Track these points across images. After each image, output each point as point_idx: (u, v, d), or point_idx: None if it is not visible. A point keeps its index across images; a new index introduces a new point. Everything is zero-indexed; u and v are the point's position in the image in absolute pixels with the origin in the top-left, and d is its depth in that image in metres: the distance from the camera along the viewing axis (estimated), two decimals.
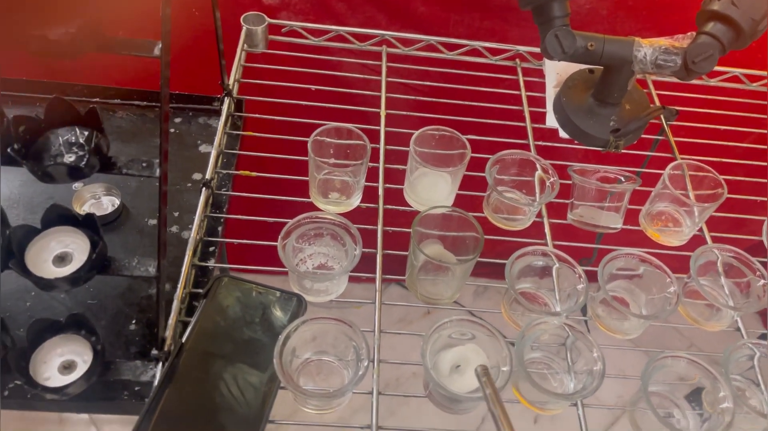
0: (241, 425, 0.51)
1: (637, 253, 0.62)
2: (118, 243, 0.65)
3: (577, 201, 0.70)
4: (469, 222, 0.62)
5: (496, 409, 0.41)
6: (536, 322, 0.56)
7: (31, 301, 0.61)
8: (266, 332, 0.58)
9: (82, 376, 0.52)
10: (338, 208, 0.68)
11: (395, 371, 1.23)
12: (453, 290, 0.65)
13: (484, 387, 0.44)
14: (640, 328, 0.61)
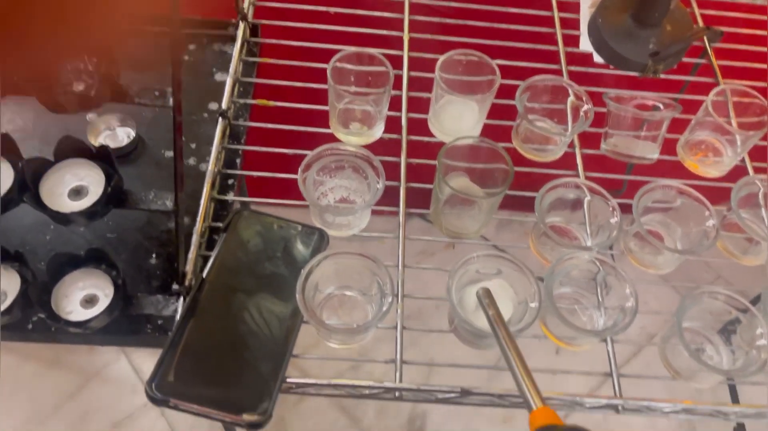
0: (265, 359, 0.51)
1: (675, 185, 0.59)
2: (134, 176, 0.63)
3: (612, 130, 0.67)
4: (498, 153, 0.59)
5: (501, 331, 0.41)
6: (566, 257, 0.54)
7: (50, 235, 0.60)
8: (288, 266, 0.57)
9: (105, 310, 0.51)
10: (360, 139, 0.66)
11: (418, 302, 1.23)
12: (479, 224, 0.63)
13: (486, 309, 0.43)
14: (675, 263, 0.59)
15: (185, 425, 1.14)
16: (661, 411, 0.52)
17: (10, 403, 1.14)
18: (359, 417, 1.16)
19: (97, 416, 1.13)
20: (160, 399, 0.46)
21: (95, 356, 1.21)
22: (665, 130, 0.66)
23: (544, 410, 0.35)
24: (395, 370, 0.52)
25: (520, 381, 0.38)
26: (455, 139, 0.60)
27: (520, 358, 0.40)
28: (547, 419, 0.35)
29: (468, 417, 1.17)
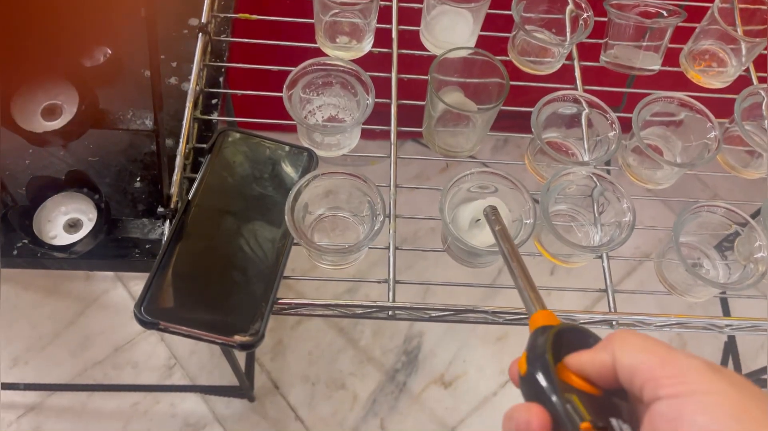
0: (256, 281, 0.50)
1: (677, 96, 0.56)
2: (113, 96, 0.60)
3: (612, 40, 0.64)
4: (493, 65, 0.57)
5: (506, 246, 0.41)
6: (563, 172, 0.52)
7: (29, 159, 0.58)
8: (276, 188, 0.55)
9: (89, 234, 0.50)
10: (348, 53, 0.63)
11: (413, 225, 1.23)
12: (473, 142, 0.61)
13: (492, 225, 0.43)
14: (674, 178, 0.58)
15: (185, 350, 1.15)
16: (655, 325, 0.52)
17: (10, 332, 1.15)
18: (356, 338, 1.18)
19: (97, 341, 1.15)
20: (149, 321, 0.45)
21: (92, 284, 1.21)
22: (668, 40, 0.63)
23: (545, 313, 0.35)
24: (388, 290, 0.52)
25: (521, 287, 0.38)
26: (447, 50, 0.57)
27: (522, 267, 0.39)
28: (546, 320, 0.34)
29: (463, 336, 1.19)
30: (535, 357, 0.31)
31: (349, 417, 1.12)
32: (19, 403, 1.09)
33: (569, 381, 0.30)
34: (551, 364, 0.31)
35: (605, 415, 0.29)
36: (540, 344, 0.32)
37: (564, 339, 0.32)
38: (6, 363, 1.12)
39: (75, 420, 1.08)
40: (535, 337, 0.33)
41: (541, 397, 0.30)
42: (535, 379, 0.30)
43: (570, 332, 0.33)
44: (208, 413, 1.11)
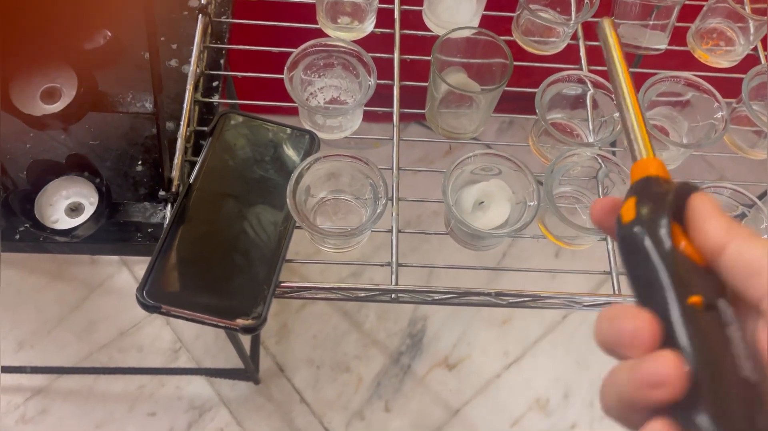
0: (258, 264, 0.50)
1: (683, 75, 0.56)
2: (113, 79, 0.60)
3: (618, 19, 0.63)
4: (497, 45, 0.56)
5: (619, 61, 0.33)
6: (567, 153, 0.52)
7: (30, 143, 0.57)
8: (278, 171, 0.55)
9: (90, 218, 0.50)
10: (350, 34, 0.62)
11: (416, 209, 1.22)
12: (477, 123, 0.60)
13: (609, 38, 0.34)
14: (680, 159, 0.57)
15: (191, 333, 1.16)
16: None
17: (15, 315, 1.16)
18: (361, 322, 1.18)
19: (103, 325, 1.15)
20: (152, 305, 0.45)
21: (97, 268, 1.21)
22: (675, 18, 0.62)
23: (656, 162, 0.28)
24: (391, 272, 0.52)
25: (631, 123, 0.31)
26: (450, 30, 0.56)
27: (635, 99, 0.32)
28: (658, 171, 0.28)
29: (467, 319, 1.20)
30: (652, 206, 0.25)
31: (353, 400, 1.12)
32: (25, 386, 1.10)
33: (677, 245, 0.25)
34: (667, 215, 0.25)
35: (712, 292, 0.24)
36: (660, 192, 0.26)
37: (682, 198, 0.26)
38: (12, 346, 1.13)
39: (81, 402, 1.09)
40: (646, 185, 0.27)
41: (641, 252, 0.25)
42: (644, 234, 0.25)
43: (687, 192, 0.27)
44: (214, 395, 1.11)
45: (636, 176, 0.28)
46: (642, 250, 0.25)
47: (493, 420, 1.12)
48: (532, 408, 1.13)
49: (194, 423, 1.09)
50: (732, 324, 0.23)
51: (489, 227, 0.51)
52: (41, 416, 1.08)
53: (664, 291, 0.24)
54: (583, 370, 1.16)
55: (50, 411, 1.08)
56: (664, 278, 0.24)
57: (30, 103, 0.47)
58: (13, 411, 1.08)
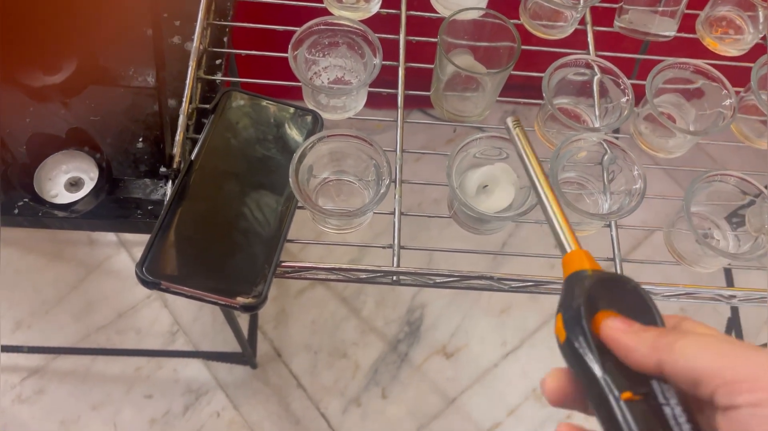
0: (259, 243, 0.49)
1: (692, 63, 0.55)
2: (114, 54, 0.59)
3: (627, 4, 0.62)
4: (505, 28, 0.55)
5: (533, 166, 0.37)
6: (573, 138, 0.51)
7: (30, 117, 0.57)
8: (281, 150, 0.54)
9: (90, 193, 0.49)
10: (355, 13, 0.61)
11: (418, 197, 1.22)
12: (482, 107, 0.59)
13: (515, 139, 0.38)
14: (686, 146, 0.56)
15: (189, 316, 1.16)
16: (662, 295, 0.51)
17: (13, 295, 1.15)
18: (359, 308, 1.18)
19: (101, 306, 1.15)
20: (151, 281, 0.45)
21: (96, 249, 1.21)
22: (684, 5, 0.61)
23: (580, 253, 0.31)
24: (393, 255, 0.51)
25: (552, 219, 0.33)
26: (458, 11, 0.55)
27: (552, 194, 0.34)
28: (581, 263, 0.30)
29: (466, 308, 1.19)
30: (571, 319, 0.29)
31: (350, 386, 1.12)
32: (22, 366, 1.10)
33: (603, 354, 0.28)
34: (588, 330, 0.28)
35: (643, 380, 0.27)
36: (575, 303, 0.29)
37: (603, 289, 0.29)
38: (9, 326, 1.12)
39: (78, 383, 1.09)
40: (570, 288, 0.30)
41: (580, 365, 0.28)
42: (573, 348, 0.28)
43: (609, 282, 0.29)
44: (211, 379, 1.11)
45: (566, 272, 0.31)
46: (579, 364, 0.28)
47: (489, 408, 1.12)
48: (528, 397, 1.13)
49: (191, 406, 1.09)
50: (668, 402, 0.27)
51: (493, 210, 0.51)
52: (37, 396, 1.08)
53: (605, 393, 0.27)
54: None
55: (47, 392, 1.08)
56: (601, 383, 0.27)
57: (31, 74, 0.46)
58: (10, 391, 1.08)
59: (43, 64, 0.47)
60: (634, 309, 0.30)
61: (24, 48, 0.47)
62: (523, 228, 1.19)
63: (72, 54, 0.46)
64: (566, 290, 0.30)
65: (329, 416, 1.10)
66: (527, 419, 1.12)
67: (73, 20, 0.48)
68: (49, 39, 0.47)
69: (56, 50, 0.47)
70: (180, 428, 1.08)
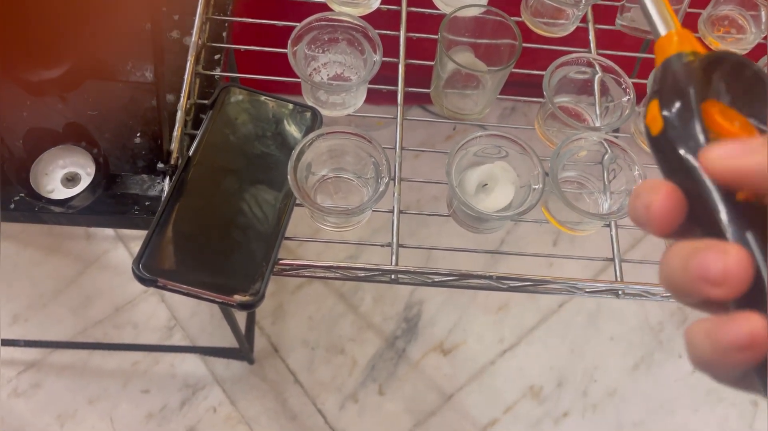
0: (256, 240, 0.49)
1: None
2: (111, 48, 0.58)
3: (630, 3, 0.61)
4: (506, 25, 0.55)
5: None
6: (574, 137, 0.51)
7: (27, 111, 0.56)
8: (279, 147, 0.54)
9: (87, 188, 0.49)
10: (355, 9, 0.61)
11: (416, 194, 1.22)
12: (482, 105, 0.59)
13: None
14: None
15: (186, 311, 1.16)
16: (661, 295, 0.51)
17: (10, 289, 1.15)
18: (357, 304, 1.18)
19: (98, 301, 1.15)
20: (148, 278, 0.45)
21: (93, 244, 1.21)
22: (687, 4, 0.61)
23: (682, 33, 0.25)
24: (391, 253, 0.51)
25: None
26: (458, 8, 0.55)
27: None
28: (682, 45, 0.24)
29: (463, 305, 1.19)
30: (675, 102, 0.22)
31: (347, 382, 1.12)
32: (19, 360, 1.09)
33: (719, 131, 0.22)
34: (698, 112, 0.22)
35: None
36: (682, 84, 0.22)
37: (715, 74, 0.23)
38: (6, 319, 1.12)
39: (75, 377, 1.09)
40: (670, 71, 0.23)
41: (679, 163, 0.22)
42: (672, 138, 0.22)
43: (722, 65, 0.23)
44: (208, 374, 1.11)
45: (659, 58, 0.24)
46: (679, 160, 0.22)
47: (486, 406, 1.12)
48: (525, 395, 1.14)
49: (187, 401, 1.09)
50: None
51: (492, 210, 0.51)
52: (34, 390, 1.08)
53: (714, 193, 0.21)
54: (578, 359, 1.16)
55: (43, 386, 1.08)
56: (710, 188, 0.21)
57: (27, 68, 0.46)
58: (6, 385, 1.08)
59: (40, 59, 0.47)
60: (752, 101, 0.23)
61: (21, 42, 0.46)
62: (521, 225, 1.19)
63: (70, 48, 0.45)
64: (664, 74, 0.24)
65: (326, 412, 1.10)
66: (524, 416, 1.12)
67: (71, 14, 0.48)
68: (47, 33, 0.47)
69: (54, 44, 0.47)
70: (177, 423, 1.08)
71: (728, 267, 0.20)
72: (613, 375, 1.15)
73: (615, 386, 1.15)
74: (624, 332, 1.19)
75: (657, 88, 0.24)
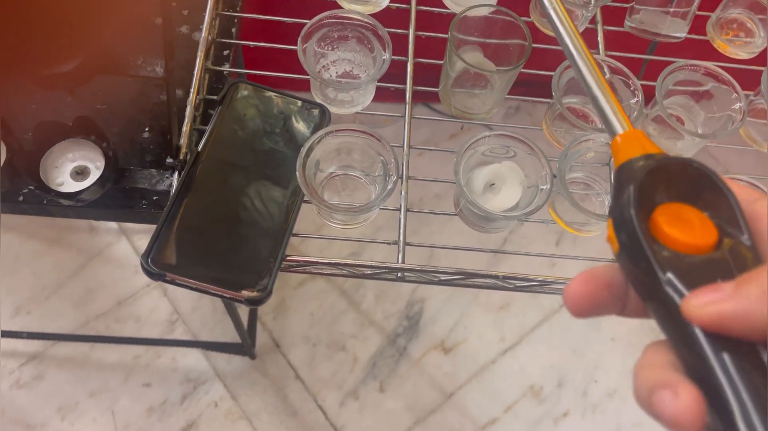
0: (264, 236, 0.49)
1: (703, 65, 0.55)
2: (121, 42, 0.58)
3: (639, 4, 0.62)
4: (516, 25, 0.55)
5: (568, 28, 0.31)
6: (582, 138, 0.51)
7: (36, 103, 0.56)
8: (288, 143, 0.54)
9: (96, 182, 0.49)
10: (365, 7, 0.61)
11: (419, 191, 1.22)
12: (490, 105, 0.59)
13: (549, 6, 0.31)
14: (694, 149, 0.56)
15: (188, 305, 1.16)
16: None
17: (13, 280, 1.15)
18: (358, 301, 1.18)
19: (100, 294, 1.15)
20: (156, 273, 0.45)
21: (96, 236, 1.21)
22: (696, 6, 0.61)
23: (633, 135, 0.25)
24: (398, 251, 0.51)
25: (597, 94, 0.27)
26: (468, 8, 0.55)
27: (597, 67, 0.29)
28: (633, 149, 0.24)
29: (465, 303, 1.20)
30: (623, 222, 0.23)
31: (348, 379, 1.13)
32: (21, 352, 1.10)
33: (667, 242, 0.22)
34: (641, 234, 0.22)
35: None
36: (625, 199, 0.23)
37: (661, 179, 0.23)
38: (8, 311, 1.12)
39: (77, 370, 1.09)
40: (620, 182, 0.24)
41: (641, 279, 0.23)
42: (630, 258, 0.23)
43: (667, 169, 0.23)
44: (209, 369, 1.11)
45: (617, 159, 0.25)
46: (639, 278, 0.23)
47: (486, 405, 1.13)
48: (525, 394, 1.14)
49: (188, 396, 1.09)
50: None
51: (499, 209, 0.51)
52: (35, 382, 1.08)
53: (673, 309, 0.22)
54: (579, 359, 1.17)
55: (45, 378, 1.08)
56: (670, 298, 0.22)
57: (39, 63, 0.46)
58: (8, 376, 1.08)
59: (52, 52, 0.47)
60: (703, 202, 0.23)
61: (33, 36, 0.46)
62: (524, 225, 1.19)
63: (81, 42, 0.46)
64: (617, 185, 0.24)
65: (326, 408, 1.10)
66: (524, 416, 1.12)
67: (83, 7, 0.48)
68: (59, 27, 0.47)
69: (65, 38, 0.47)
70: (177, 417, 1.08)
71: (678, 412, 0.21)
72: (613, 376, 1.16)
73: (615, 386, 1.15)
74: (625, 333, 1.19)
75: (611, 205, 0.24)
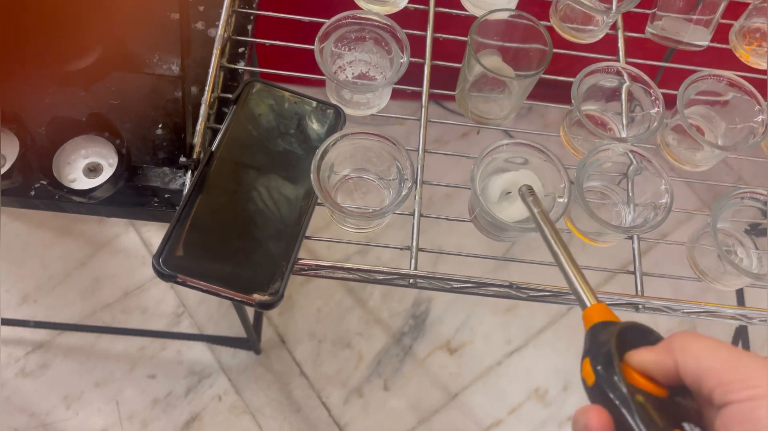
0: (277, 239, 0.49)
1: (726, 75, 0.54)
2: (139, 39, 0.58)
3: (661, 11, 0.61)
4: (537, 30, 0.54)
5: (549, 230, 0.41)
6: (601, 148, 0.50)
7: (49, 98, 0.56)
8: (302, 144, 0.54)
9: (109, 179, 0.49)
10: (383, 8, 0.60)
11: (427, 191, 1.21)
12: (507, 110, 0.58)
13: (531, 207, 0.43)
14: (714, 160, 0.55)
15: (194, 298, 1.16)
16: (682, 311, 0.51)
17: (21, 269, 1.15)
18: (365, 300, 1.18)
19: (107, 284, 1.15)
20: (168, 274, 0.44)
21: (105, 227, 1.21)
22: (720, 14, 0.60)
23: (600, 307, 0.34)
24: (410, 257, 0.51)
25: (572, 279, 0.37)
26: (489, 11, 0.54)
27: (569, 256, 0.38)
28: (602, 315, 0.33)
29: (471, 305, 1.19)
30: (601, 362, 0.30)
31: (353, 377, 1.12)
32: (27, 340, 1.10)
33: (634, 382, 0.30)
34: (619, 370, 0.30)
35: (675, 419, 0.29)
36: (604, 347, 0.31)
37: (625, 338, 0.31)
38: (16, 299, 1.13)
39: (83, 359, 1.09)
40: (594, 337, 0.32)
41: (610, 404, 0.29)
42: (604, 389, 0.30)
43: (631, 330, 0.32)
44: (214, 362, 1.11)
45: (587, 325, 0.34)
46: (606, 403, 0.30)
47: (490, 406, 1.12)
48: (530, 397, 1.13)
49: (193, 389, 1.09)
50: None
51: (514, 219, 0.50)
52: (41, 370, 1.08)
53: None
54: None
55: (50, 366, 1.09)
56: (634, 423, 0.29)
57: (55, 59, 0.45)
58: (14, 364, 1.08)
59: (69, 49, 0.46)
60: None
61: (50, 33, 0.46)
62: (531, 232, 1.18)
63: (98, 39, 0.45)
64: (592, 338, 0.32)
65: (330, 405, 1.10)
66: (528, 418, 1.12)
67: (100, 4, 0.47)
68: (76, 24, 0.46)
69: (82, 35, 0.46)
70: (181, 409, 1.08)
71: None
72: None
73: None
74: None
75: (588, 348, 0.32)
